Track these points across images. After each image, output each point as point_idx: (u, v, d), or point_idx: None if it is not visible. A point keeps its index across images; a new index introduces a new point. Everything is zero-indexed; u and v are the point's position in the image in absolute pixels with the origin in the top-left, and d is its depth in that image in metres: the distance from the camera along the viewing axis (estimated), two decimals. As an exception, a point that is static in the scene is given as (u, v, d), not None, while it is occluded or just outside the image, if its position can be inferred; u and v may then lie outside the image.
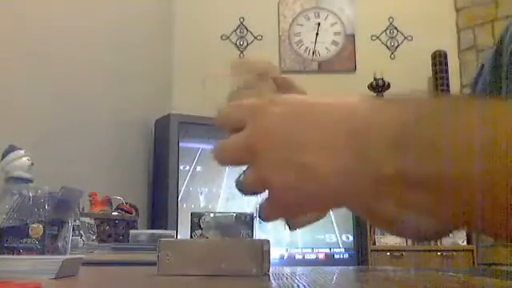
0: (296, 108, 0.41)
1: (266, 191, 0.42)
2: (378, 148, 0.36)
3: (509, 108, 0.35)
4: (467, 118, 0.34)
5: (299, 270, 0.99)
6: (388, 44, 3.89)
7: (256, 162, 0.41)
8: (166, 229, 2.76)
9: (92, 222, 1.82)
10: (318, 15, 3.93)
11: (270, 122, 0.41)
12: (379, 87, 3.63)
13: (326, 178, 0.38)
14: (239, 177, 0.43)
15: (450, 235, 3.22)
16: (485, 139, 0.32)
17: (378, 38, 3.90)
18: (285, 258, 3.21)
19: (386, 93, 3.63)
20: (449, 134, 0.34)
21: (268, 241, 0.76)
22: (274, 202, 0.42)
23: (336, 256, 3.34)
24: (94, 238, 1.80)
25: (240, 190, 0.44)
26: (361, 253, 3.33)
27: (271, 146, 0.40)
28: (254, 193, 0.43)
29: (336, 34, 3.90)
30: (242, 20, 3.90)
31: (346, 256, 3.35)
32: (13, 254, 0.74)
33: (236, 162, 0.43)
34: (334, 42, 3.89)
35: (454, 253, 3.21)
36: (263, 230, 2.26)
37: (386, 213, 0.42)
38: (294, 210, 0.43)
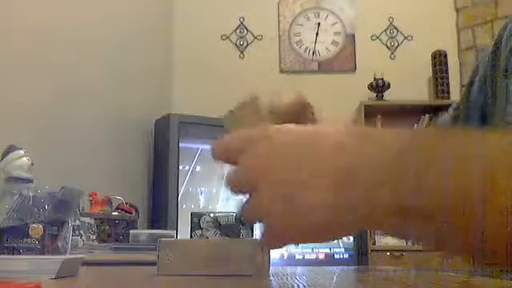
0: (289, 141, 0.42)
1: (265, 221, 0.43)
2: (369, 183, 0.36)
3: (498, 136, 0.35)
4: (456, 148, 0.34)
5: (299, 270, 0.99)
6: (388, 44, 3.89)
7: (254, 193, 0.42)
8: (165, 229, 2.76)
9: (92, 221, 1.82)
10: (318, 15, 3.93)
11: (264, 155, 0.42)
12: (379, 87, 3.63)
13: (318, 214, 0.38)
14: (242, 206, 0.44)
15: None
16: (477, 169, 0.32)
17: (378, 37, 3.90)
18: (285, 258, 3.21)
19: (386, 93, 3.64)
20: (439, 167, 0.34)
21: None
22: (273, 232, 0.43)
23: (336, 256, 3.34)
24: (94, 237, 1.80)
25: (241, 217, 0.46)
26: (361, 253, 3.33)
27: (266, 178, 0.41)
28: (256, 221, 0.45)
29: (336, 33, 3.90)
30: (242, 20, 3.90)
31: (346, 256, 3.35)
32: (13, 253, 0.74)
33: (241, 193, 0.45)
34: (334, 42, 3.89)
35: (454, 253, 3.20)
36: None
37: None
38: (293, 240, 0.44)
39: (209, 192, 3.19)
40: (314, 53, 3.88)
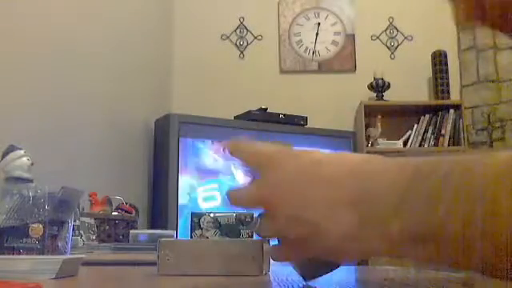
0: (307, 167, 0.44)
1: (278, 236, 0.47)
2: (382, 210, 0.38)
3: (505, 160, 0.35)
4: (467, 175, 0.35)
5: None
6: (388, 44, 3.89)
7: (269, 214, 0.45)
8: (166, 229, 2.76)
9: (92, 221, 1.82)
10: (318, 15, 3.93)
11: (282, 178, 0.44)
12: (379, 87, 3.63)
13: (333, 238, 0.41)
14: (254, 221, 0.47)
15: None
16: (486, 193, 0.33)
17: (378, 38, 3.90)
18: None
19: (386, 93, 3.64)
20: (450, 193, 0.35)
21: (268, 240, 0.76)
22: (288, 249, 0.46)
23: (336, 256, 3.34)
24: (94, 237, 1.80)
25: (254, 231, 0.49)
26: (361, 253, 3.33)
27: (284, 202, 0.44)
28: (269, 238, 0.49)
29: (336, 33, 3.90)
30: (242, 20, 3.90)
31: (346, 256, 3.35)
32: (13, 253, 0.74)
33: (250, 209, 0.49)
34: (334, 42, 3.89)
35: (454, 253, 3.20)
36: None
37: None
38: (307, 256, 0.47)
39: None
40: (313, 53, 3.88)
